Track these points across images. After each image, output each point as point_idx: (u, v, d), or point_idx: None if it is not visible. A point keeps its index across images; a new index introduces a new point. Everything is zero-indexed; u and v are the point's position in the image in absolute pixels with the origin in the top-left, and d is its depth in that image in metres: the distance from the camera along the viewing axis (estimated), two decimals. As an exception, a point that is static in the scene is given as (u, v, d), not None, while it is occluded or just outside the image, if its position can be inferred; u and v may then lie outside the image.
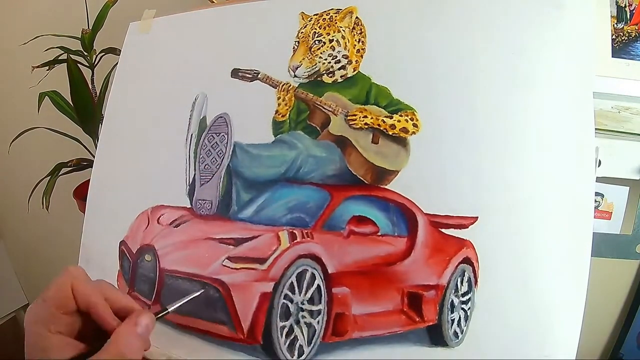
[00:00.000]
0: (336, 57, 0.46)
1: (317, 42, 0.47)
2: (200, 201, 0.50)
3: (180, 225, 0.49)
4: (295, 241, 0.41)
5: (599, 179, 0.37)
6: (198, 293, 0.41)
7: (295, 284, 0.40)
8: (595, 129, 0.37)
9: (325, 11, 0.48)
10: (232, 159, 0.49)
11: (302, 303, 0.40)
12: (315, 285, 0.40)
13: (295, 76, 0.48)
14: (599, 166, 0.38)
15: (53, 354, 0.32)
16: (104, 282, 0.36)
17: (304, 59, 0.47)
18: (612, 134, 0.49)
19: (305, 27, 0.48)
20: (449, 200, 0.39)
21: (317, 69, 0.47)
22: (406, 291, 0.40)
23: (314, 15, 0.48)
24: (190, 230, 0.48)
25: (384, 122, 0.42)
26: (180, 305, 0.39)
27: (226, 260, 0.42)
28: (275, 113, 0.48)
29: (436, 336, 0.39)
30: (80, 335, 0.34)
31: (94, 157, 0.64)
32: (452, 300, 0.39)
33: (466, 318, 0.38)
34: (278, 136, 0.47)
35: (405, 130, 0.41)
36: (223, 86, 0.51)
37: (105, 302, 0.34)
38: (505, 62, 0.39)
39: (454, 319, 0.39)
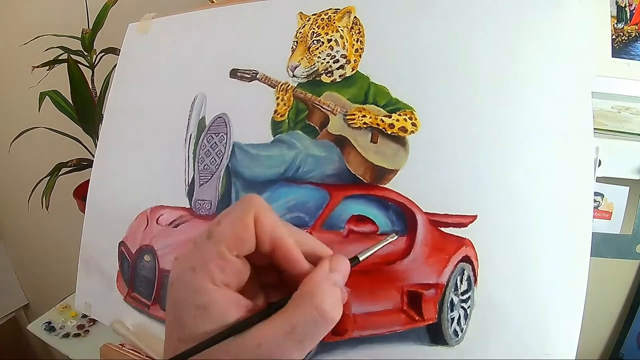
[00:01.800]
0: (335, 56, 0.46)
1: (315, 41, 0.47)
2: (199, 201, 0.50)
3: (180, 226, 0.49)
4: (295, 241, 0.41)
5: (599, 179, 0.37)
6: (394, 239, 0.35)
7: (294, 283, 0.40)
8: (595, 129, 0.37)
9: (323, 11, 0.48)
10: (231, 159, 0.49)
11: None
12: (314, 285, 0.40)
13: (294, 76, 0.48)
14: (599, 166, 0.38)
15: (215, 314, 0.23)
16: (288, 224, 0.27)
17: (302, 58, 0.47)
18: (612, 134, 0.49)
19: (303, 27, 0.48)
20: (448, 199, 0.39)
21: (315, 68, 0.47)
22: (406, 290, 0.40)
23: (313, 15, 0.48)
24: (190, 231, 0.48)
25: (382, 121, 0.42)
26: (373, 253, 0.31)
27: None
28: (274, 113, 0.48)
29: (436, 335, 0.39)
30: (250, 294, 0.25)
31: (94, 157, 0.64)
32: (452, 299, 0.39)
33: (466, 317, 0.38)
34: (277, 136, 0.47)
35: (404, 129, 0.41)
36: (222, 86, 0.51)
37: (293, 240, 0.25)
38: (504, 62, 0.39)
39: (454, 317, 0.39)
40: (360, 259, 0.31)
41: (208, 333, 0.22)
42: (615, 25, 0.57)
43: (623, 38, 0.57)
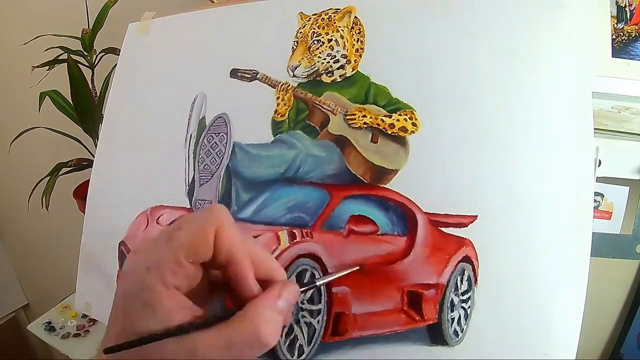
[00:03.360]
0: (335, 56, 0.46)
1: (315, 41, 0.47)
2: (199, 201, 0.50)
3: (180, 225, 0.49)
4: (295, 241, 0.41)
5: (599, 179, 0.37)
6: (354, 269, 0.38)
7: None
8: (595, 129, 0.37)
9: (323, 11, 0.48)
10: (232, 159, 0.49)
11: (302, 302, 0.40)
12: (315, 285, 0.40)
13: (294, 76, 0.48)
14: (599, 166, 0.38)
15: (161, 316, 0.24)
16: (247, 237, 0.27)
17: (302, 58, 0.47)
18: (612, 134, 0.49)
19: (304, 27, 0.48)
20: (448, 199, 0.39)
21: (316, 68, 0.47)
22: (406, 290, 0.40)
23: (313, 15, 0.48)
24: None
25: (383, 121, 0.42)
26: (330, 280, 0.33)
27: (226, 259, 0.42)
28: (275, 113, 0.48)
29: (436, 335, 0.39)
30: (198, 297, 0.26)
31: (94, 157, 0.64)
32: (452, 299, 0.39)
33: (466, 317, 0.38)
34: (277, 136, 0.47)
35: (404, 129, 0.41)
36: (222, 86, 0.51)
37: (249, 259, 0.26)
38: (504, 62, 0.39)
39: (454, 317, 0.39)
40: (317, 284, 0.33)
41: (152, 331, 0.24)
42: (615, 25, 0.57)
43: (623, 38, 0.57)
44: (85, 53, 1.06)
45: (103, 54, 1.06)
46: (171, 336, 0.23)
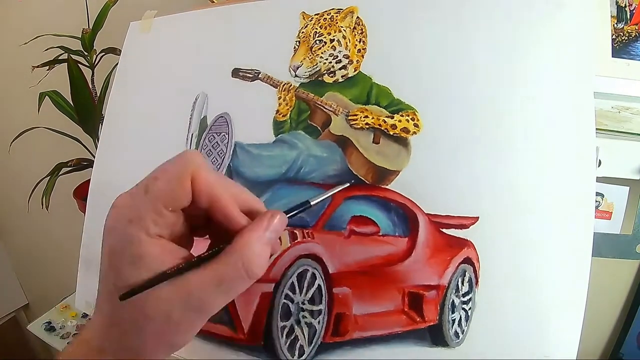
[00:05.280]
0: (337, 56, 0.46)
1: (318, 41, 0.47)
2: (200, 201, 0.50)
3: (181, 225, 0.49)
4: (296, 241, 0.41)
5: (599, 179, 0.37)
6: (346, 185, 0.38)
7: (295, 284, 0.40)
8: (595, 129, 0.37)
9: (326, 11, 0.48)
10: (233, 158, 0.49)
11: (303, 303, 0.40)
12: (315, 285, 0.40)
13: (296, 76, 0.48)
14: (599, 166, 0.38)
15: (150, 264, 0.24)
16: (221, 175, 0.28)
17: (304, 58, 0.47)
18: (612, 134, 0.50)
19: (306, 26, 0.48)
20: (449, 200, 0.39)
21: (318, 68, 0.47)
22: (407, 291, 0.40)
23: (315, 15, 0.48)
24: (191, 230, 0.48)
25: (385, 122, 0.42)
26: (324, 199, 0.33)
27: (227, 260, 0.42)
28: (276, 113, 0.48)
29: (437, 336, 0.39)
30: (181, 240, 0.27)
31: (94, 157, 0.64)
32: (453, 301, 0.39)
33: (467, 318, 0.38)
34: (279, 136, 0.47)
35: (406, 130, 0.42)
36: (224, 86, 0.51)
37: (230, 196, 0.26)
38: (505, 62, 0.39)
39: (455, 319, 0.39)
40: (312, 203, 0.32)
41: (144, 281, 0.24)
42: (615, 25, 0.57)
43: (623, 38, 0.57)
44: (85, 53, 1.06)
45: (103, 54, 1.06)
46: (163, 281, 0.24)
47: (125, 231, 0.25)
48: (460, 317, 0.38)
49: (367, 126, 0.43)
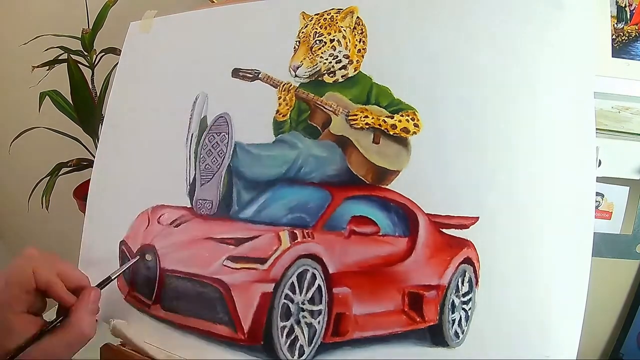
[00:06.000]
0: (337, 57, 0.46)
1: (318, 42, 0.47)
2: (200, 201, 0.50)
3: (181, 225, 0.49)
4: (296, 241, 0.41)
5: (599, 179, 0.37)
6: (135, 260, 0.47)
7: (295, 284, 0.40)
8: (595, 128, 0.37)
9: (326, 11, 0.48)
10: (233, 158, 0.49)
11: (303, 303, 0.40)
12: (315, 285, 0.40)
13: (296, 76, 0.48)
14: (599, 166, 0.38)
15: (19, 333, 0.36)
16: (55, 258, 0.40)
17: (304, 58, 0.47)
18: (612, 134, 0.50)
19: (306, 27, 0.48)
20: (449, 200, 0.39)
21: (318, 68, 0.47)
22: (407, 291, 0.40)
23: (315, 15, 0.48)
24: (191, 230, 0.48)
25: (384, 122, 0.43)
26: (121, 273, 0.45)
27: (227, 260, 0.42)
28: (276, 113, 0.48)
29: (437, 336, 0.39)
30: (39, 311, 0.39)
31: (94, 157, 0.64)
32: (453, 301, 0.39)
33: (467, 318, 0.38)
34: (279, 136, 0.47)
35: (406, 130, 0.42)
36: (224, 86, 0.51)
37: (60, 281, 0.39)
38: (505, 62, 0.39)
39: (455, 319, 0.39)
40: (112, 277, 0.44)
41: (13, 345, 0.35)
42: (615, 25, 0.57)
43: (623, 38, 0.57)
44: (85, 53, 1.06)
45: (103, 54, 1.06)
46: (28, 347, 0.35)
47: (0, 312, 0.36)
48: (460, 317, 0.38)
49: (367, 126, 0.43)
